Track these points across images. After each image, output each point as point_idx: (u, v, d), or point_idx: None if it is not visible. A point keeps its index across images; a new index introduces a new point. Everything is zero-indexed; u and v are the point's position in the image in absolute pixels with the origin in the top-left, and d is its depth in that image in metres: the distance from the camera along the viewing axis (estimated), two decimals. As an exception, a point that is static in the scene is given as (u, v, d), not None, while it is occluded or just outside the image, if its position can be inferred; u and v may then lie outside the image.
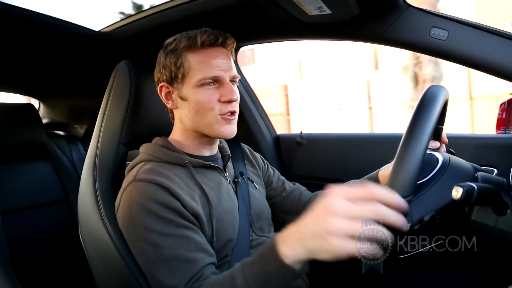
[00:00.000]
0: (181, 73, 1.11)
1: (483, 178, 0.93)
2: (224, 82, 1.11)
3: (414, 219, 0.82)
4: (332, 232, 0.67)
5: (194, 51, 1.11)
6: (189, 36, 1.12)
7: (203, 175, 1.14)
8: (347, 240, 0.67)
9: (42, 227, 1.98)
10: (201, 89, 1.10)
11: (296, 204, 1.40)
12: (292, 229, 0.78)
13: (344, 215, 0.67)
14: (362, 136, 1.83)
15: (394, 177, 0.77)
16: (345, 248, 0.67)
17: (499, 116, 1.55)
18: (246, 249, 1.13)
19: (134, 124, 1.27)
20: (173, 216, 0.99)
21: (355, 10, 1.20)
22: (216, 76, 1.10)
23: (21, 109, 2.07)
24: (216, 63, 1.10)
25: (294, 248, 0.75)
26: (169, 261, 0.95)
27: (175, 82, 1.13)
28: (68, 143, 2.34)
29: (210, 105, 1.10)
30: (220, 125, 1.12)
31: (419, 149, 0.78)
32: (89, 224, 1.18)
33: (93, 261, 1.22)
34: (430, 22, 1.22)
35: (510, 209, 0.86)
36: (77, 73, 2.02)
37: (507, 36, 1.15)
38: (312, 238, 0.71)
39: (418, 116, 0.83)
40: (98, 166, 1.21)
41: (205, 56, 1.11)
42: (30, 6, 1.35)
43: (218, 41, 1.12)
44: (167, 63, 1.13)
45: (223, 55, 1.13)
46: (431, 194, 0.88)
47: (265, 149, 1.92)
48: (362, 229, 0.67)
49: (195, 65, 1.10)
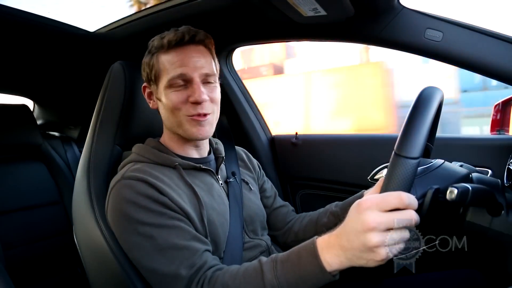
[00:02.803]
0: (153, 74, 1.11)
1: (477, 179, 0.93)
2: (192, 82, 1.07)
3: (418, 193, 0.83)
4: (375, 246, 0.72)
5: (164, 52, 1.09)
6: (162, 36, 1.10)
7: (194, 177, 1.14)
8: (390, 247, 0.73)
9: (36, 228, 1.97)
10: (171, 90, 1.08)
11: (281, 220, 1.40)
12: (334, 240, 0.80)
13: (382, 229, 0.72)
14: (357, 137, 1.83)
15: (403, 139, 0.77)
16: (391, 254, 0.73)
17: (494, 117, 1.56)
18: (238, 251, 1.13)
19: (129, 124, 1.26)
20: (163, 209, 0.99)
21: (350, 11, 1.20)
22: (181, 74, 1.06)
23: (15, 110, 2.05)
24: (182, 62, 1.07)
25: (339, 259, 0.79)
26: (165, 250, 0.96)
27: (152, 82, 1.13)
28: (63, 144, 2.33)
29: (178, 106, 1.07)
30: (191, 126, 1.09)
31: (428, 114, 0.78)
32: (83, 225, 1.18)
33: (88, 262, 1.21)
34: (424, 24, 1.22)
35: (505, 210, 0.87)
36: (71, 73, 2.01)
37: (501, 37, 1.16)
38: (359, 253, 0.75)
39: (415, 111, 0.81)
40: (93, 167, 1.20)
41: (174, 56, 1.08)
42: (25, 7, 1.35)
43: (185, 38, 1.08)
44: (145, 63, 1.14)
45: (194, 53, 1.09)
46: (433, 174, 0.90)
47: (261, 150, 1.92)
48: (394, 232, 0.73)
49: (164, 65, 1.08)
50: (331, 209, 1.28)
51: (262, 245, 1.22)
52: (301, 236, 1.31)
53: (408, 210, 0.72)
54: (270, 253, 1.23)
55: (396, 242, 0.73)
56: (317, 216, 1.31)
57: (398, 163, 0.75)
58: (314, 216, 1.32)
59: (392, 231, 0.73)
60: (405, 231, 0.74)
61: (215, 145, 1.30)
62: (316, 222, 1.29)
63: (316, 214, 1.33)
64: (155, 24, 1.45)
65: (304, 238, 1.30)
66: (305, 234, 1.30)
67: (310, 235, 1.28)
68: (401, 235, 0.73)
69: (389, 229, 0.72)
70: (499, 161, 1.27)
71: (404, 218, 0.72)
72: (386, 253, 0.72)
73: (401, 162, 0.74)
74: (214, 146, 1.29)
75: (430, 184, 0.85)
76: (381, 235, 0.72)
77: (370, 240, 0.72)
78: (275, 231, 1.38)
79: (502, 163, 1.19)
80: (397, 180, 0.74)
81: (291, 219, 1.40)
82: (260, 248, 1.20)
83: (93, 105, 1.30)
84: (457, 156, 1.22)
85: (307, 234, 1.29)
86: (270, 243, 1.26)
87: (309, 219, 1.33)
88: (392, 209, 0.73)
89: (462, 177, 0.93)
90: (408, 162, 0.74)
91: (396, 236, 0.73)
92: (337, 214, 1.24)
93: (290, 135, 1.95)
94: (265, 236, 1.28)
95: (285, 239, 1.36)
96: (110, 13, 4.86)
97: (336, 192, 1.78)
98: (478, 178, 0.93)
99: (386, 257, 0.73)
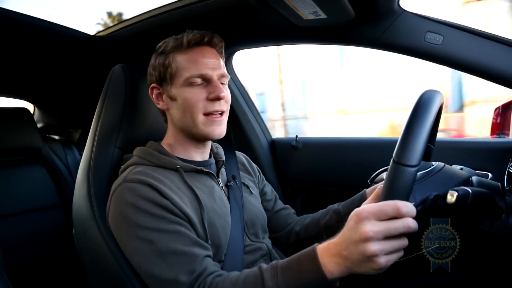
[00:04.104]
0: (169, 73, 1.12)
1: (478, 182, 0.93)
2: (212, 80, 1.11)
3: (418, 200, 0.83)
4: (374, 255, 0.72)
5: (181, 51, 1.12)
6: (177, 37, 1.14)
7: (195, 180, 1.14)
8: (389, 255, 0.74)
9: (36, 231, 1.97)
10: (189, 88, 1.10)
11: (282, 222, 1.40)
12: (334, 248, 0.81)
13: (379, 238, 0.73)
14: (357, 140, 1.83)
15: (402, 146, 0.76)
16: (390, 262, 0.74)
17: (494, 121, 1.56)
18: (239, 254, 1.13)
19: (130, 128, 1.26)
20: (164, 213, 0.99)
21: (350, 14, 1.20)
22: (203, 73, 1.10)
23: (16, 113, 2.06)
24: (203, 62, 1.11)
25: (339, 267, 0.79)
26: (165, 255, 0.96)
27: (164, 82, 1.14)
28: (63, 147, 2.33)
29: (197, 103, 1.10)
30: (207, 125, 1.12)
31: (427, 120, 0.78)
32: (83, 228, 1.18)
33: (88, 266, 1.21)
34: (425, 27, 1.23)
35: (505, 214, 0.87)
36: (72, 77, 2.02)
37: (502, 41, 1.16)
38: (358, 262, 0.75)
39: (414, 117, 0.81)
40: (93, 170, 1.20)
41: (192, 55, 1.11)
42: (25, 10, 1.35)
43: (204, 39, 1.13)
44: (156, 64, 1.15)
45: (210, 54, 1.14)
46: (434, 179, 0.89)
47: (261, 153, 1.92)
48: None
49: (182, 64, 1.11)
50: (333, 208, 1.29)
51: (263, 248, 1.22)
52: (302, 236, 1.31)
53: (405, 218, 0.73)
54: (271, 256, 1.23)
55: (395, 250, 0.74)
56: (319, 215, 1.32)
57: (396, 171, 0.74)
58: (316, 216, 1.33)
59: (390, 240, 0.73)
60: (404, 239, 0.75)
61: (215, 149, 1.30)
62: (317, 221, 1.30)
63: (318, 214, 1.34)
64: (155, 27, 1.45)
65: (306, 237, 1.31)
66: (306, 233, 1.30)
67: (312, 234, 1.29)
68: (399, 243, 0.74)
69: (387, 237, 0.73)
70: (499, 165, 1.27)
71: (401, 226, 0.72)
72: (385, 261, 0.73)
73: (399, 170, 0.74)
74: (215, 150, 1.29)
75: (430, 190, 0.85)
76: (379, 244, 0.72)
77: (368, 250, 0.72)
78: (277, 232, 1.38)
79: (502, 166, 1.19)
80: (395, 189, 0.74)
81: (292, 221, 1.40)
82: (261, 251, 1.20)
83: (94, 108, 1.30)
84: (458, 159, 1.22)
85: (309, 234, 1.30)
86: (271, 247, 1.26)
87: (311, 219, 1.34)
88: (389, 218, 0.73)
89: (462, 181, 0.93)
90: (407, 170, 0.74)
91: (395, 244, 0.73)
92: (339, 212, 1.25)
93: (290, 138, 1.95)
94: (266, 239, 1.28)
95: (286, 240, 1.37)
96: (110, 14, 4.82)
97: (336, 195, 1.77)
98: (478, 182, 0.93)
99: (385, 266, 0.73)
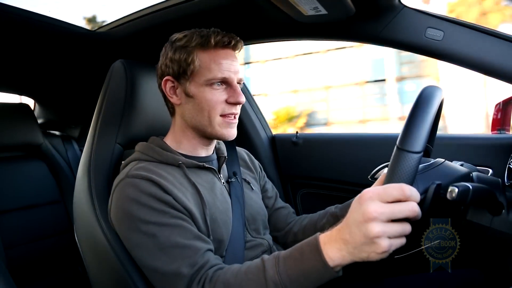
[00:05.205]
0: (191, 70, 1.11)
1: (478, 178, 0.93)
2: (232, 84, 1.12)
3: (421, 188, 0.83)
4: (376, 236, 0.72)
5: (205, 50, 1.11)
6: (202, 34, 1.12)
7: (197, 175, 1.14)
8: (392, 240, 0.73)
9: (37, 227, 1.97)
10: (209, 88, 1.11)
11: (282, 222, 1.41)
12: (336, 234, 0.81)
13: (383, 219, 0.72)
14: (358, 136, 1.83)
15: (406, 133, 0.77)
16: (392, 247, 0.73)
17: (494, 117, 1.56)
18: (240, 250, 1.13)
19: (130, 123, 1.26)
20: (167, 208, 1.00)
21: (350, 10, 1.20)
22: (225, 77, 1.10)
23: (16, 109, 2.06)
24: (226, 65, 1.11)
25: (341, 253, 0.79)
26: (167, 249, 0.96)
27: (183, 78, 1.13)
28: (64, 142, 2.33)
29: (216, 105, 1.11)
30: (222, 127, 1.13)
31: (430, 110, 0.78)
32: (84, 224, 1.18)
33: (89, 261, 1.21)
34: (425, 23, 1.22)
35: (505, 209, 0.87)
36: (72, 72, 2.01)
37: (502, 37, 1.16)
38: (360, 245, 0.75)
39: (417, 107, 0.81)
40: (94, 166, 1.20)
41: (216, 56, 1.11)
42: (25, 5, 1.35)
43: (231, 43, 1.13)
44: (175, 58, 1.13)
45: (233, 57, 1.14)
46: (435, 171, 0.90)
47: (261, 149, 1.92)
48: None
49: (206, 64, 1.10)
50: (331, 210, 1.29)
51: (264, 244, 1.22)
52: (300, 236, 1.31)
53: (409, 202, 0.72)
54: (271, 252, 1.23)
55: (398, 235, 0.73)
56: (316, 217, 1.32)
57: (400, 157, 0.75)
58: (314, 218, 1.33)
59: (394, 223, 0.73)
60: (407, 224, 0.74)
61: (217, 145, 1.30)
62: (315, 223, 1.30)
63: (316, 215, 1.34)
64: (155, 23, 1.45)
65: (303, 238, 1.30)
66: (304, 235, 1.30)
67: (309, 236, 1.29)
68: (402, 227, 0.73)
69: (391, 220, 0.72)
70: (500, 160, 1.28)
71: (406, 209, 0.72)
72: (388, 245, 0.72)
73: (403, 156, 0.75)
74: (217, 146, 1.30)
75: (432, 180, 0.85)
76: (383, 225, 0.72)
77: (371, 230, 0.72)
78: (276, 232, 1.39)
79: (503, 162, 1.19)
80: (400, 174, 0.75)
81: (291, 221, 1.40)
82: (262, 247, 1.21)
83: (94, 103, 1.30)
84: (458, 155, 1.22)
85: (306, 235, 1.29)
86: (272, 243, 1.27)
87: (309, 220, 1.34)
88: (393, 200, 0.73)
89: (463, 176, 0.93)
90: (411, 156, 0.74)
91: (398, 228, 0.73)
92: (336, 215, 1.25)
93: (290, 134, 1.95)
94: (267, 236, 1.29)
95: (285, 240, 1.37)
96: (110, 12, 4.85)
97: (336, 191, 1.78)
98: (478, 177, 0.93)
99: (388, 249, 0.72)
